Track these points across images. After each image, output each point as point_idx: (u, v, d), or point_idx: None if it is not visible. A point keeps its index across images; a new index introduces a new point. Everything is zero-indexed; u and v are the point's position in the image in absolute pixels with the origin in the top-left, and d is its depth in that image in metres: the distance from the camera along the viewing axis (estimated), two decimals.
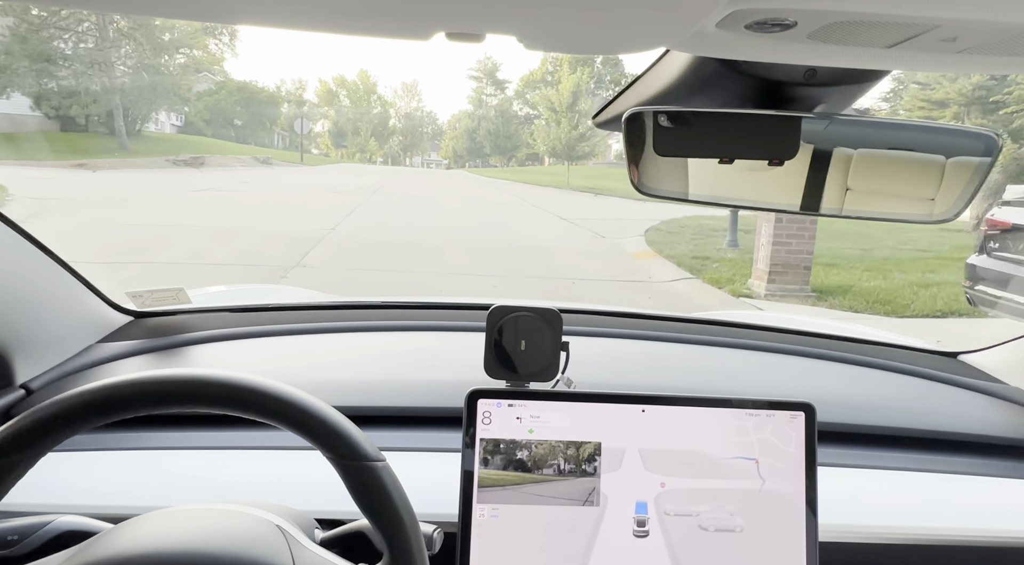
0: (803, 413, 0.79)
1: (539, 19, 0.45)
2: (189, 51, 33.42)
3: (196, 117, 38.54)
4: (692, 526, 0.76)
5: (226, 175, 19.01)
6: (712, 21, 0.45)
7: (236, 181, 16.42)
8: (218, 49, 39.38)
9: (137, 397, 0.54)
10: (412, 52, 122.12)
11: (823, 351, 1.25)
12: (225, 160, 24.71)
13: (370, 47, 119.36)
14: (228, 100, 40.94)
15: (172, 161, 20.79)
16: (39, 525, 0.67)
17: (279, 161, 30.42)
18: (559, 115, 31.90)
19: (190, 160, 21.50)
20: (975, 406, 1.13)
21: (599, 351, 1.19)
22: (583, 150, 31.70)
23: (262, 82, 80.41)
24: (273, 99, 48.25)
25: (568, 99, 31.58)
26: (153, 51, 26.38)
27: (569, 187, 22.62)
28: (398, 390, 1.02)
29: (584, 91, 33.14)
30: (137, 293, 1.17)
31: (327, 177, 22.03)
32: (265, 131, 46.04)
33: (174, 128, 38.63)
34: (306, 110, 56.25)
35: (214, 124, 40.33)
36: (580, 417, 0.78)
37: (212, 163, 22.81)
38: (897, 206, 0.77)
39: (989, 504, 0.91)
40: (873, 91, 0.72)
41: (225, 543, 0.57)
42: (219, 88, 41.13)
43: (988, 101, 18.54)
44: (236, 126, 42.69)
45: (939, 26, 0.44)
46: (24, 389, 0.95)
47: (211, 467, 0.86)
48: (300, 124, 37.97)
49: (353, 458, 0.56)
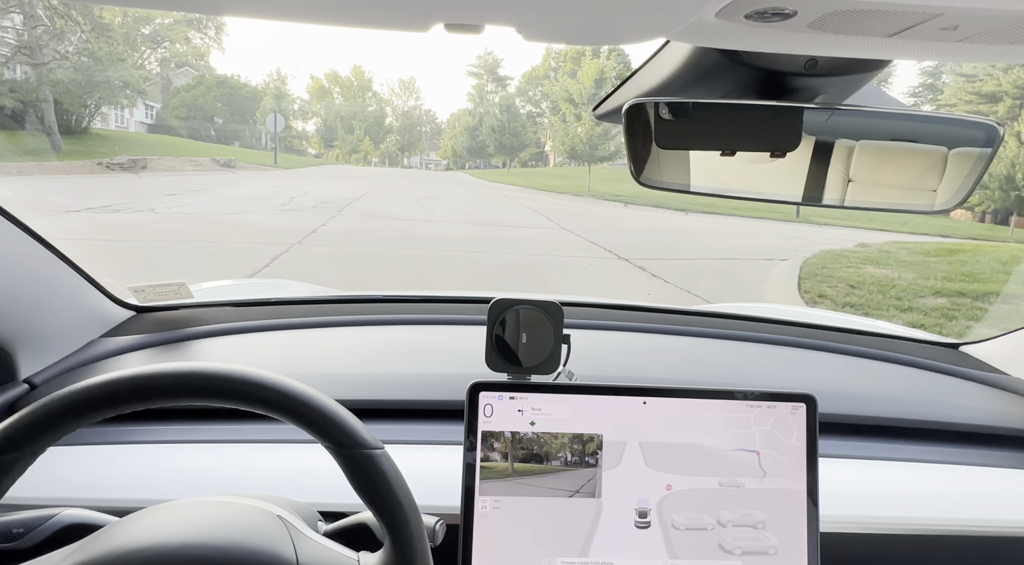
0: (804, 405, 0.80)
1: (538, 9, 0.45)
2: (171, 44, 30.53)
3: (171, 114, 35.69)
4: (712, 545, 0.76)
5: (164, 182, 15.53)
6: (712, 10, 0.45)
7: (163, 193, 12.70)
8: (203, 43, 36.80)
9: (137, 391, 0.54)
10: (409, 47, 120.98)
11: (824, 343, 1.25)
12: (176, 163, 20.32)
13: (365, 42, 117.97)
14: (207, 96, 37.51)
15: (105, 165, 16.97)
16: (44, 518, 0.68)
17: (247, 164, 24.97)
18: (579, 108, 26.82)
19: (127, 163, 17.49)
20: (977, 397, 1.13)
21: (600, 344, 1.19)
22: (606, 150, 25.63)
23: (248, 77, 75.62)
24: (257, 95, 44.13)
25: (590, 89, 26.44)
26: (96, 35, 20.78)
27: (590, 194, 19.50)
28: (400, 383, 1.03)
29: (611, 78, 26.75)
30: (139, 288, 1.17)
31: (294, 185, 17.90)
32: (251, 130, 41.76)
33: (143, 126, 34.89)
34: (297, 108, 53.67)
35: (192, 122, 36.78)
36: (582, 409, 0.78)
37: (158, 167, 18.88)
38: (899, 197, 0.76)
39: (991, 495, 0.91)
40: (899, 87, 0.71)
41: (229, 535, 0.57)
42: (197, 83, 37.83)
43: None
44: (217, 124, 38.85)
45: (940, 14, 0.44)
46: (28, 384, 0.95)
47: (214, 460, 0.87)
48: (274, 120, 30.75)
49: (351, 446, 0.56)
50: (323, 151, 54.60)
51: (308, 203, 12.78)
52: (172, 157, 21.11)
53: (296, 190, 15.86)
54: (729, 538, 0.76)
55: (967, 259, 8.82)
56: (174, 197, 12.17)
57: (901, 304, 6.29)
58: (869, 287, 6.84)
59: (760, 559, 0.76)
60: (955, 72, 20.61)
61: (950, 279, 7.30)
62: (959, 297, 6.59)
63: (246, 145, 39.54)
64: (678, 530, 0.76)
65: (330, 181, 20.82)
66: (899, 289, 6.79)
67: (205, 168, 21.39)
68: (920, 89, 22.57)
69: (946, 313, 6.04)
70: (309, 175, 24.00)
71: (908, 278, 7.42)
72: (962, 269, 7.94)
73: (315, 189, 16.65)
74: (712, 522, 0.77)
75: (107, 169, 16.89)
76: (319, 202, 13.04)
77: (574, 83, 28.39)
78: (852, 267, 7.90)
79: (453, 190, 20.67)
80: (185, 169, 20.15)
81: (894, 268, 8.03)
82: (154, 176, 17.24)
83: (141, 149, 21.27)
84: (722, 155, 0.74)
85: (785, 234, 11.63)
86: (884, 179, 0.75)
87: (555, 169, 37.75)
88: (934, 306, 6.24)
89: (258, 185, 17.01)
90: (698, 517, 0.77)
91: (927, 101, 22.14)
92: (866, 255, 8.98)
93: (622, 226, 12.19)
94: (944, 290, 6.79)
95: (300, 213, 10.99)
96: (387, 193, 17.17)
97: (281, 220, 9.97)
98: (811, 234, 11.57)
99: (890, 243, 10.27)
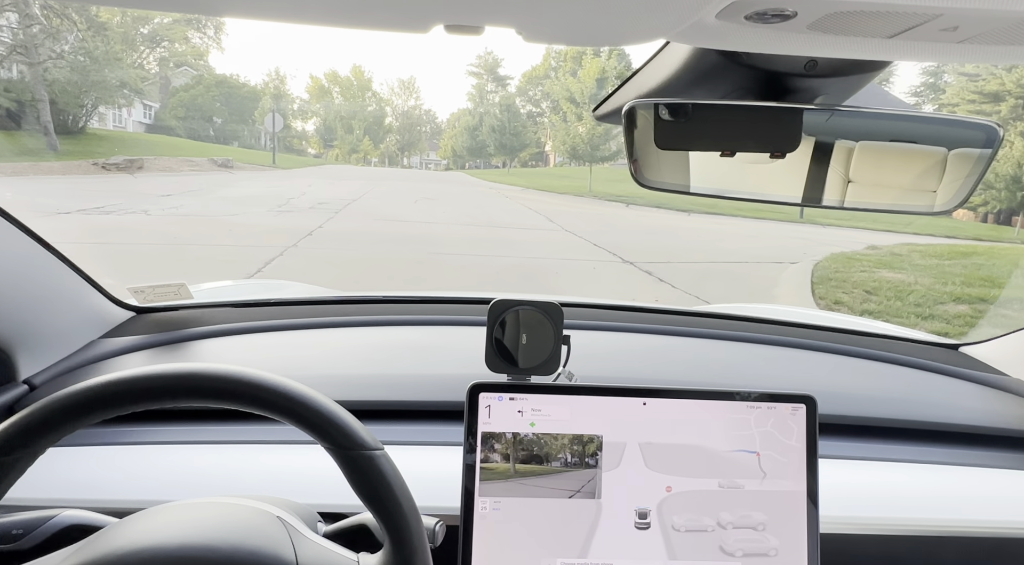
0: (804, 406, 0.80)
1: (538, 10, 0.45)
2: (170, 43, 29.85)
3: (169, 114, 35.22)
4: (712, 547, 0.76)
5: (160, 182, 15.25)
6: (712, 11, 0.45)
7: (158, 194, 12.41)
8: (203, 42, 36.27)
9: (137, 392, 0.54)
10: (409, 47, 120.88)
11: (824, 343, 1.25)
12: (172, 163, 19.92)
13: (364, 42, 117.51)
14: (205, 95, 37.22)
15: (100, 165, 16.67)
16: (44, 519, 0.67)
17: (245, 164, 24.57)
18: (581, 107, 26.97)
19: (123, 164, 17.15)
20: (976, 398, 1.13)
21: (600, 344, 1.19)
22: (608, 150, 25.51)
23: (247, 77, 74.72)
24: (256, 95, 43.87)
25: (592, 88, 26.51)
26: (94, 34, 20.49)
27: (592, 194, 19.41)
28: (400, 384, 1.03)
29: (612, 78, 26.65)
30: (139, 288, 1.17)
31: (292, 186, 17.58)
32: (250, 130, 41.45)
33: (142, 126, 34.69)
34: (296, 107, 53.19)
35: (190, 122, 36.53)
36: (581, 410, 0.78)
37: (154, 167, 18.54)
38: (899, 198, 0.76)
39: (991, 495, 0.91)
40: (901, 87, 0.71)
41: (228, 536, 0.57)
42: (196, 82, 37.41)
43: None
44: (216, 124, 38.67)
45: (940, 15, 0.44)
46: (27, 385, 0.95)
47: (214, 461, 0.87)
48: (272, 120, 30.80)
49: (351, 447, 0.56)
50: (323, 151, 53.98)
51: (305, 204, 12.52)
52: (169, 157, 20.70)
53: (293, 191, 15.57)
54: (730, 540, 0.76)
55: (982, 262, 8.66)
56: (169, 198, 11.98)
57: (921, 311, 6.14)
58: (886, 293, 6.70)
59: (760, 560, 0.76)
60: (957, 72, 20.32)
61: (969, 284, 7.14)
62: (980, 303, 6.45)
63: (245, 145, 39.05)
64: (678, 532, 0.76)
65: (328, 182, 20.47)
66: (917, 295, 6.65)
67: (202, 168, 20.98)
68: (921, 88, 22.36)
69: (969, 321, 5.89)
70: (307, 175, 23.62)
71: (925, 283, 7.26)
72: (979, 273, 7.77)
73: (313, 190, 16.37)
74: (712, 524, 0.76)
75: (103, 169, 16.64)
76: (316, 203, 12.77)
77: (576, 82, 28.36)
78: (866, 271, 7.76)
79: (453, 191, 20.35)
80: (182, 169, 19.78)
81: (909, 272, 7.88)
82: (150, 176, 16.89)
83: (138, 149, 20.90)
84: (722, 156, 0.74)
85: (790, 235, 11.51)
86: (884, 180, 0.75)
87: (556, 169, 37.20)
88: (956, 313, 6.08)
89: (255, 185, 16.76)
90: (698, 518, 0.77)
91: (929, 101, 21.89)
92: (878, 258, 8.83)
93: (625, 227, 11.96)
94: (964, 296, 6.63)
95: (296, 215, 10.69)
96: (386, 194, 16.85)
97: (277, 222, 9.75)
98: (816, 235, 11.45)
99: (900, 245, 10.09)
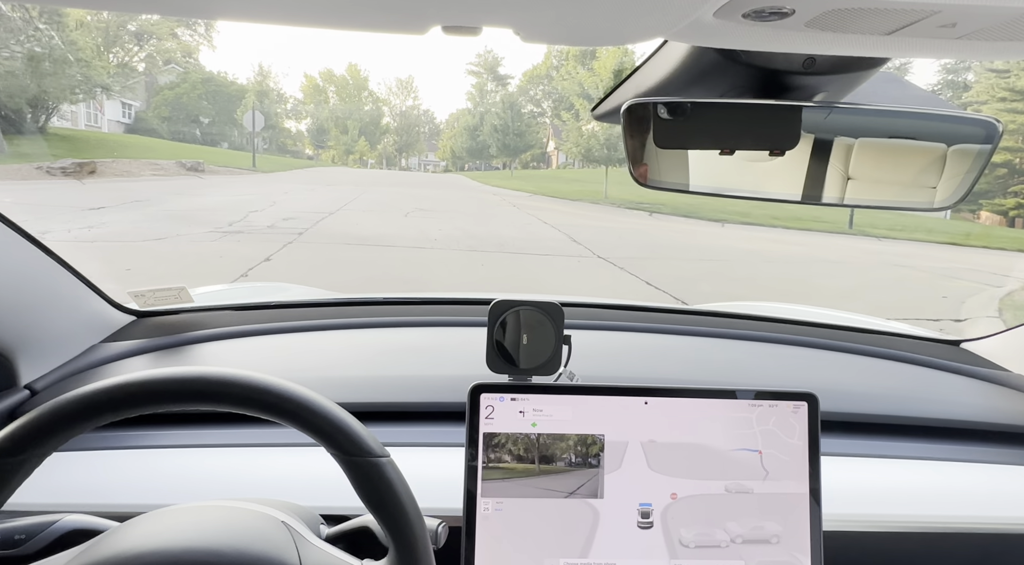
0: (806, 403, 0.79)
1: (536, 11, 0.45)
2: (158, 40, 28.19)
3: (152, 114, 33.56)
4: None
5: (104, 189, 13.14)
6: (710, 10, 0.45)
7: (88, 207, 9.96)
8: (193, 39, 34.79)
9: (140, 396, 0.54)
10: (407, 46, 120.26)
11: (825, 341, 1.25)
12: (132, 167, 17.54)
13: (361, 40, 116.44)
14: (191, 94, 35.28)
15: (45, 169, 14.61)
16: (46, 524, 0.67)
17: (220, 167, 21.89)
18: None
19: (71, 168, 15.07)
20: (978, 394, 1.13)
21: (601, 344, 1.19)
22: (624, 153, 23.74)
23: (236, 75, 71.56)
24: (245, 93, 41.12)
25: (608, 81, 22.25)
26: (48, 24, 17.88)
27: (608, 201, 17.52)
28: (401, 386, 1.03)
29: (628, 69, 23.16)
30: (139, 292, 1.17)
31: (264, 193, 14.90)
32: (240, 130, 38.33)
33: (120, 126, 32.16)
34: (290, 107, 51.71)
35: (175, 122, 34.68)
36: (583, 410, 0.78)
37: (110, 171, 16.37)
38: (899, 194, 0.76)
39: (992, 492, 0.91)
40: (918, 83, 0.71)
41: (231, 540, 0.57)
42: (181, 80, 35.51)
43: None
44: (202, 124, 36.59)
45: (938, 12, 0.44)
46: (28, 390, 0.95)
47: (216, 465, 0.86)
48: (251, 118, 27.17)
49: (357, 454, 0.56)
50: (316, 152, 52.76)
51: (264, 221, 9.54)
52: (130, 160, 18.16)
53: (262, 200, 12.88)
54: (736, 548, 0.76)
55: None
56: (100, 212, 9.55)
57: None
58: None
59: (763, 556, 0.76)
60: (985, 67, 19.27)
61: None
62: None
63: (236, 147, 37.33)
64: (687, 548, 0.76)
65: (309, 188, 17.94)
66: None
67: (167, 172, 18.55)
68: (939, 86, 21.69)
69: None
70: (289, 180, 21.00)
71: None
72: None
73: (286, 199, 13.75)
74: (723, 538, 0.76)
75: (47, 174, 14.56)
76: (280, 219, 9.88)
77: (590, 76, 26.18)
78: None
79: (451, 197, 18.27)
80: (142, 173, 17.43)
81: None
82: (101, 182, 14.79)
83: (103, 151, 18.70)
84: (721, 154, 0.74)
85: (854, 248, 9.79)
86: (883, 176, 0.75)
87: (562, 171, 35.45)
88: None
89: (220, 193, 14.25)
90: (708, 533, 0.76)
91: (949, 99, 21.24)
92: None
93: (665, 245, 9.51)
94: None
95: (242, 239, 7.88)
96: (373, 203, 14.16)
97: (213, 248, 7.09)
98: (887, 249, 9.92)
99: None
